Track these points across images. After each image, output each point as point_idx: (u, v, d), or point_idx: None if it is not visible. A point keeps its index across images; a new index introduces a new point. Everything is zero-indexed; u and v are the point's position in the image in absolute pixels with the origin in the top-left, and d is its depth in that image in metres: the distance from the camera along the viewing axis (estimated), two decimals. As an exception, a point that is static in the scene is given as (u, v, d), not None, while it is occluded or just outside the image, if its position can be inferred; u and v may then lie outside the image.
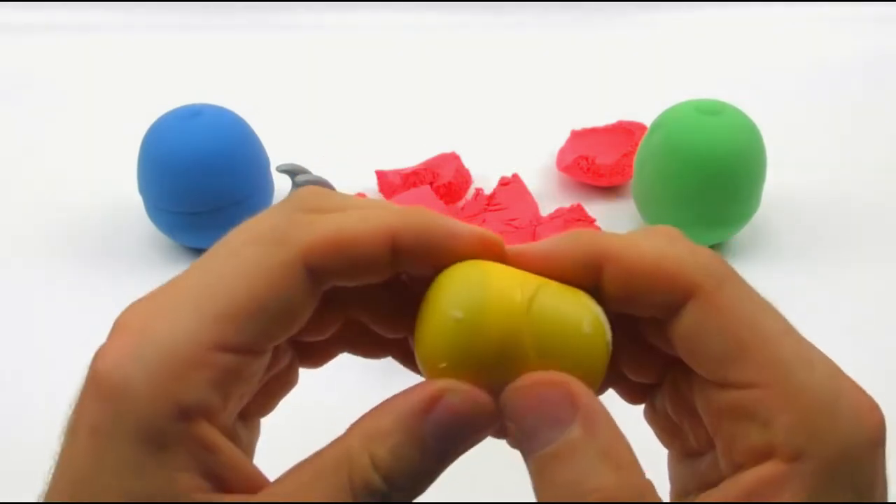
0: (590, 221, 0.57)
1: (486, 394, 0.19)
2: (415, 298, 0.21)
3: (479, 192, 0.61)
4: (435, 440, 0.19)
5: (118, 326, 0.19)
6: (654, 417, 0.25)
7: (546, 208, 0.59)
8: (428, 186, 0.60)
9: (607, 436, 0.18)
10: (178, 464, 0.18)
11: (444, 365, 0.19)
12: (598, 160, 0.61)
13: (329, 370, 0.27)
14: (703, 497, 0.20)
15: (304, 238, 0.20)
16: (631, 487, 0.18)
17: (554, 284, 0.20)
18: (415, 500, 0.19)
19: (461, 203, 0.61)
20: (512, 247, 0.21)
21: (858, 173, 0.65)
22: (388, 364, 0.25)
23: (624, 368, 0.24)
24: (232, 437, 0.21)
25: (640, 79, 0.79)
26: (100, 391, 0.18)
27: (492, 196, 0.60)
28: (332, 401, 0.35)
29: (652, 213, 0.56)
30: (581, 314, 0.20)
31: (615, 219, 0.59)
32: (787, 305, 0.54)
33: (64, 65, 0.83)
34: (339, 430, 0.20)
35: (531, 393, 0.19)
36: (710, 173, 0.52)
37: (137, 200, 0.56)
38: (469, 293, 0.19)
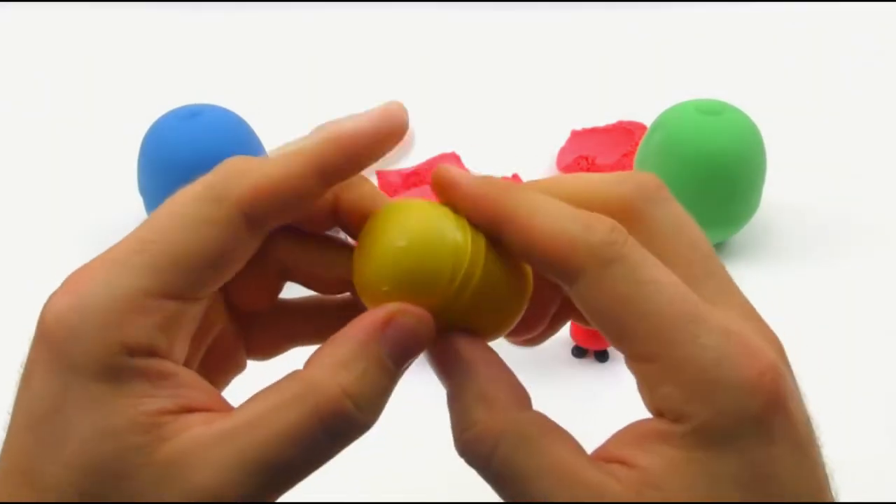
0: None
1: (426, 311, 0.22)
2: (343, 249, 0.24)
3: (479, 192, 0.61)
4: (392, 359, 0.21)
5: (63, 284, 0.21)
6: None
7: (546, 208, 0.59)
8: (428, 186, 0.60)
9: (483, 380, 0.21)
10: (138, 392, 0.20)
11: (386, 288, 0.22)
12: (598, 160, 0.61)
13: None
14: (612, 436, 0.22)
15: (241, 190, 0.21)
16: (501, 422, 0.20)
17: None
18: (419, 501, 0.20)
19: (461, 203, 0.61)
20: (445, 172, 0.23)
21: (858, 173, 0.65)
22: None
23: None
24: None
25: (640, 79, 0.79)
26: (48, 342, 0.20)
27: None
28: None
29: (652, 213, 0.56)
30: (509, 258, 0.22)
31: (615, 219, 0.59)
32: (786, 304, 0.54)
33: (64, 65, 0.83)
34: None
35: (432, 351, 0.22)
36: (710, 173, 0.52)
37: (137, 200, 0.56)
38: (409, 225, 0.22)
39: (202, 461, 0.19)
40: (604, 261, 0.20)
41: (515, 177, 0.61)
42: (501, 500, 0.21)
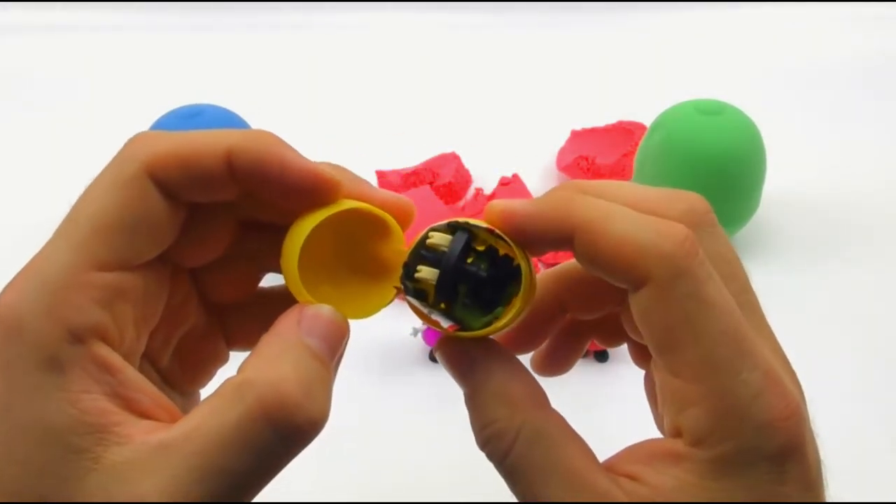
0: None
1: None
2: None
3: (479, 192, 0.61)
4: (318, 345, 0.21)
5: (12, 279, 0.20)
6: (646, 382, 0.27)
7: (546, 208, 0.59)
8: (428, 186, 0.60)
9: (499, 379, 0.22)
10: (79, 386, 0.19)
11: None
12: (598, 160, 0.61)
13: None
14: (622, 452, 0.22)
15: (146, 153, 0.21)
16: (520, 419, 0.21)
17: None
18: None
19: (461, 203, 0.61)
20: (498, 203, 0.23)
21: (858, 173, 0.65)
22: (388, 364, 0.25)
23: (626, 329, 0.26)
24: (160, 387, 0.22)
25: (640, 79, 0.79)
26: (1, 334, 0.19)
27: (492, 196, 0.60)
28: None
29: (652, 213, 0.56)
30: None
31: (615, 219, 0.59)
32: (786, 304, 0.54)
33: (64, 65, 0.83)
34: (341, 430, 0.20)
35: (446, 353, 0.23)
36: (710, 173, 0.52)
37: (137, 200, 0.56)
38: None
39: (148, 471, 0.19)
40: (672, 271, 0.20)
41: (515, 177, 0.61)
42: (502, 501, 0.21)
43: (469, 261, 0.22)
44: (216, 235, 0.24)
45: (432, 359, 0.46)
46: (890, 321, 0.51)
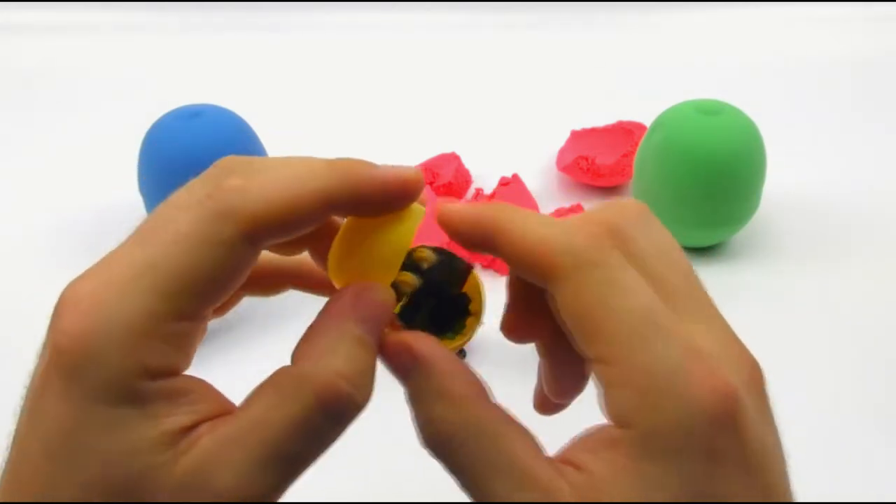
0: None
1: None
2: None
3: (479, 192, 0.61)
4: (368, 333, 0.22)
5: (68, 302, 0.20)
6: None
7: (546, 208, 0.59)
8: (428, 186, 0.60)
9: (439, 376, 0.22)
10: (161, 412, 0.20)
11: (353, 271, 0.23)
12: (598, 160, 0.61)
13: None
14: (577, 440, 0.22)
15: (245, 214, 0.21)
16: (460, 416, 0.21)
17: None
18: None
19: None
20: (443, 205, 0.24)
21: (858, 173, 0.65)
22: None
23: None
24: None
25: (640, 79, 0.79)
26: (63, 366, 0.20)
27: (492, 196, 0.60)
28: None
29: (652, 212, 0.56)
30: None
31: (615, 219, 0.59)
32: (786, 304, 0.54)
33: (64, 65, 0.83)
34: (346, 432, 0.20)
35: (386, 353, 0.23)
36: (710, 173, 0.52)
37: (137, 200, 0.56)
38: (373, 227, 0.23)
39: (220, 466, 0.20)
40: (584, 263, 0.21)
41: (515, 177, 0.61)
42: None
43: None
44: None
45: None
46: (890, 321, 0.51)
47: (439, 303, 0.24)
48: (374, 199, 0.23)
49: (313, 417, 0.21)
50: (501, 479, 0.21)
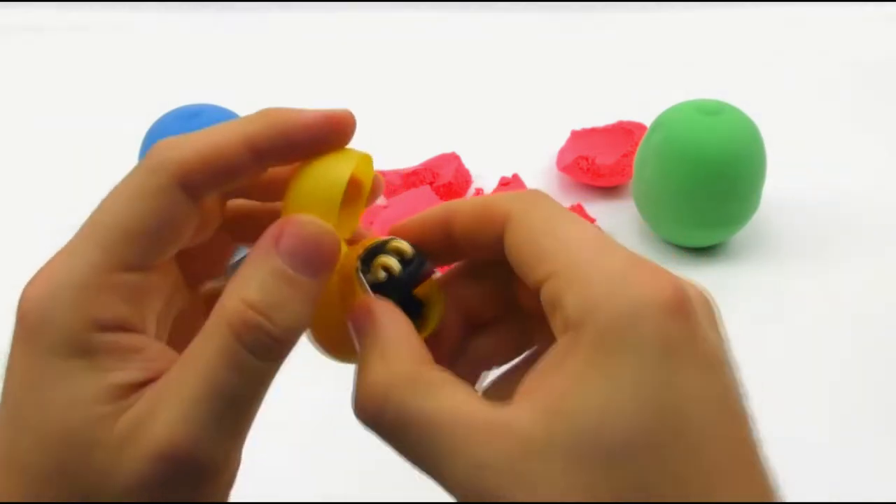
0: (590, 221, 0.57)
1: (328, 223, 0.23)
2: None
3: (479, 192, 0.61)
4: (293, 266, 0.21)
5: (34, 276, 0.22)
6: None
7: (546, 208, 0.59)
8: (428, 186, 0.60)
9: (386, 340, 0.22)
10: (108, 365, 0.20)
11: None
12: (598, 160, 0.61)
13: (329, 370, 0.27)
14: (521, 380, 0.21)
15: (174, 161, 0.22)
16: (395, 373, 0.21)
17: None
18: None
19: (461, 203, 0.61)
20: (397, 225, 0.25)
21: (858, 173, 0.65)
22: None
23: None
24: None
25: (640, 79, 0.79)
26: (24, 328, 0.21)
27: (492, 196, 0.59)
28: (332, 400, 0.35)
29: (652, 213, 0.56)
30: None
31: (615, 219, 0.59)
32: (786, 304, 0.54)
33: (64, 65, 0.83)
34: (339, 428, 0.20)
35: (352, 313, 0.23)
36: (710, 173, 0.52)
37: (137, 200, 0.56)
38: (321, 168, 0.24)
39: (152, 416, 0.20)
40: (527, 204, 0.23)
41: (515, 177, 0.61)
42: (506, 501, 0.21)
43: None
44: (213, 218, 0.25)
45: None
46: (890, 321, 0.51)
47: (400, 299, 0.24)
48: (300, 140, 0.23)
49: (231, 347, 0.20)
50: (445, 426, 0.19)
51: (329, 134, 0.24)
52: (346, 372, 0.23)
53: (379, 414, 0.20)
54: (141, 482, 0.20)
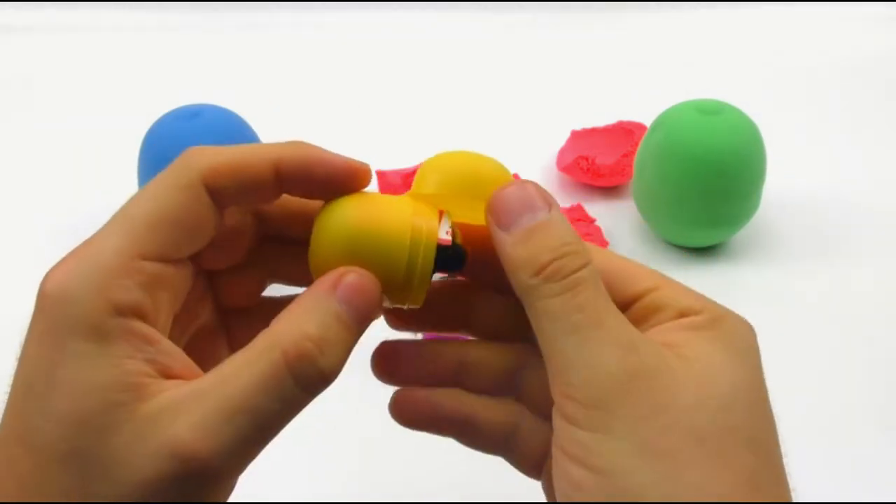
0: (590, 221, 0.57)
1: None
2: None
3: (479, 192, 0.61)
4: (346, 311, 0.23)
5: (59, 260, 0.22)
6: None
7: (546, 208, 0.59)
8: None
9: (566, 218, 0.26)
10: (122, 352, 0.21)
11: (337, 264, 0.24)
12: (598, 160, 0.61)
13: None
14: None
15: (202, 163, 0.24)
16: (586, 244, 0.25)
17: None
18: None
19: (461, 203, 0.61)
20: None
21: (858, 173, 0.65)
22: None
23: None
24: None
25: (640, 79, 0.79)
26: (44, 307, 0.21)
27: (492, 196, 0.59)
28: (333, 403, 0.35)
29: (652, 213, 0.56)
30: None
31: (615, 219, 0.59)
32: (786, 304, 0.54)
33: (64, 65, 0.83)
34: (341, 431, 0.20)
35: (514, 188, 0.27)
36: (710, 173, 0.52)
37: (137, 200, 0.56)
38: (361, 209, 0.25)
39: (178, 416, 0.21)
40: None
41: (515, 177, 0.61)
42: (503, 501, 0.21)
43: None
44: (240, 243, 0.27)
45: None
46: (890, 321, 0.51)
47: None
48: (321, 178, 0.25)
49: (278, 375, 0.21)
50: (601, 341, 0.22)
51: (346, 180, 0.25)
52: (346, 371, 0.23)
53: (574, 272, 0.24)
54: (151, 476, 0.20)
